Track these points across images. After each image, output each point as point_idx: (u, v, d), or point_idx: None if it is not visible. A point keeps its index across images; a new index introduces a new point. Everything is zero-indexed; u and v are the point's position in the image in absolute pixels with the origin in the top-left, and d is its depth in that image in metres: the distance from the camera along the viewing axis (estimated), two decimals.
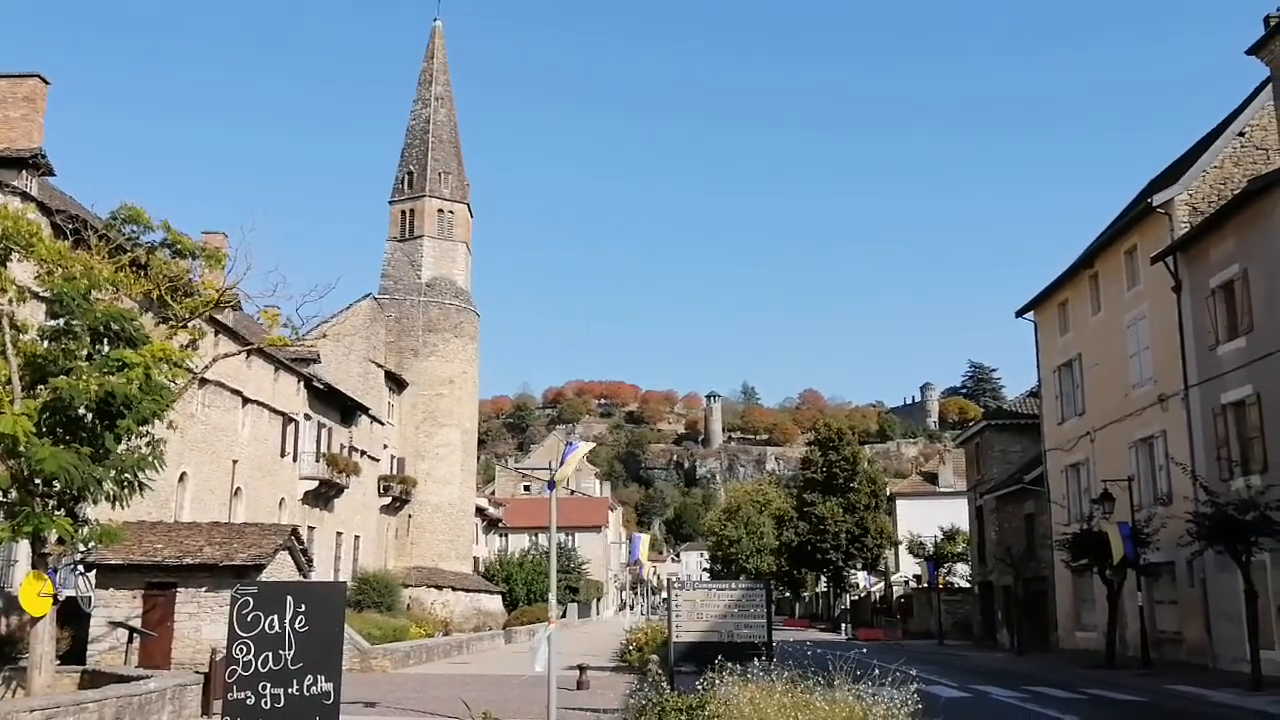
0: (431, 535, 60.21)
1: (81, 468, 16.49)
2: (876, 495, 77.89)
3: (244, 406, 37.34)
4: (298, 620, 11.07)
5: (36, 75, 28.09)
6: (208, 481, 34.37)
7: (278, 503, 40.47)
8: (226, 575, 23.80)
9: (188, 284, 21.00)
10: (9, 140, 26.46)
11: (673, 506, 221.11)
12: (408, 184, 64.62)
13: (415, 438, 60.66)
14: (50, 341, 18.35)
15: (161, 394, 18.04)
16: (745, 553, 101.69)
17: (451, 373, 62.08)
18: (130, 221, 20.39)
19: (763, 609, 23.82)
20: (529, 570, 69.70)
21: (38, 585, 16.60)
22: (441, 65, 66.90)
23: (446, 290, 62.95)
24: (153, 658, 23.72)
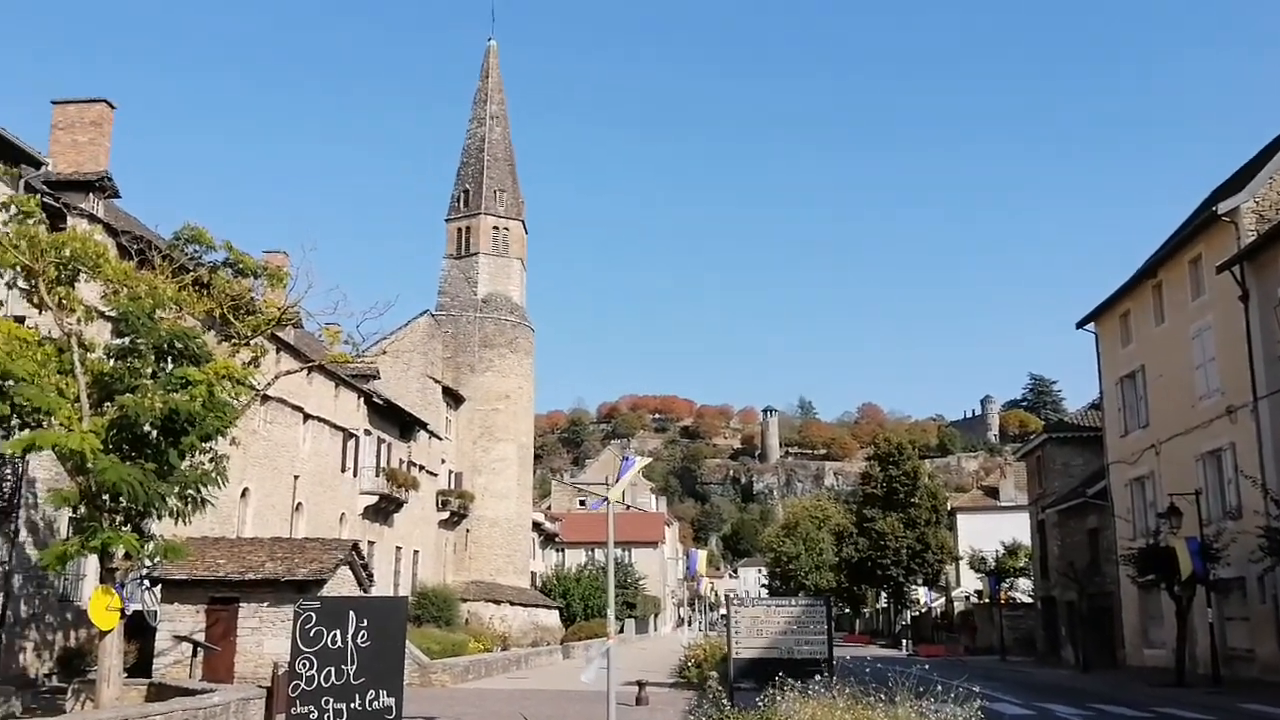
0: (489, 550, 60.45)
1: (146, 483, 16.79)
2: (937, 510, 77.00)
3: (305, 422, 37.80)
4: (360, 635, 11.14)
5: (103, 100, 28.78)
6: (269, 497, 34.81)
7: (338, 518, 40.88)
8: (288, 590, 24.04)
9: (250, 302, 21.32)
10: (77, 164, 27.11)
11: (730, 522, 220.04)
12: (463, 202, 65.19)
13: (472, 452, 61.01)
14: (116, 360, 18.73)
15: (224, 411, 18.32)
16: (804, 569, 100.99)
17: (507, 388, 62.39)
18: (193, 241, 20.77)
19: (823, 625, 23.63)
20: (586, 585, 69.71)
21: (106, 599, 16.90)
22: (496, 84, 67.49)
23: (502, 306, 63.35)
24: (216, 671, 24.02)
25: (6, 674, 21.54)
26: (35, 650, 23.25)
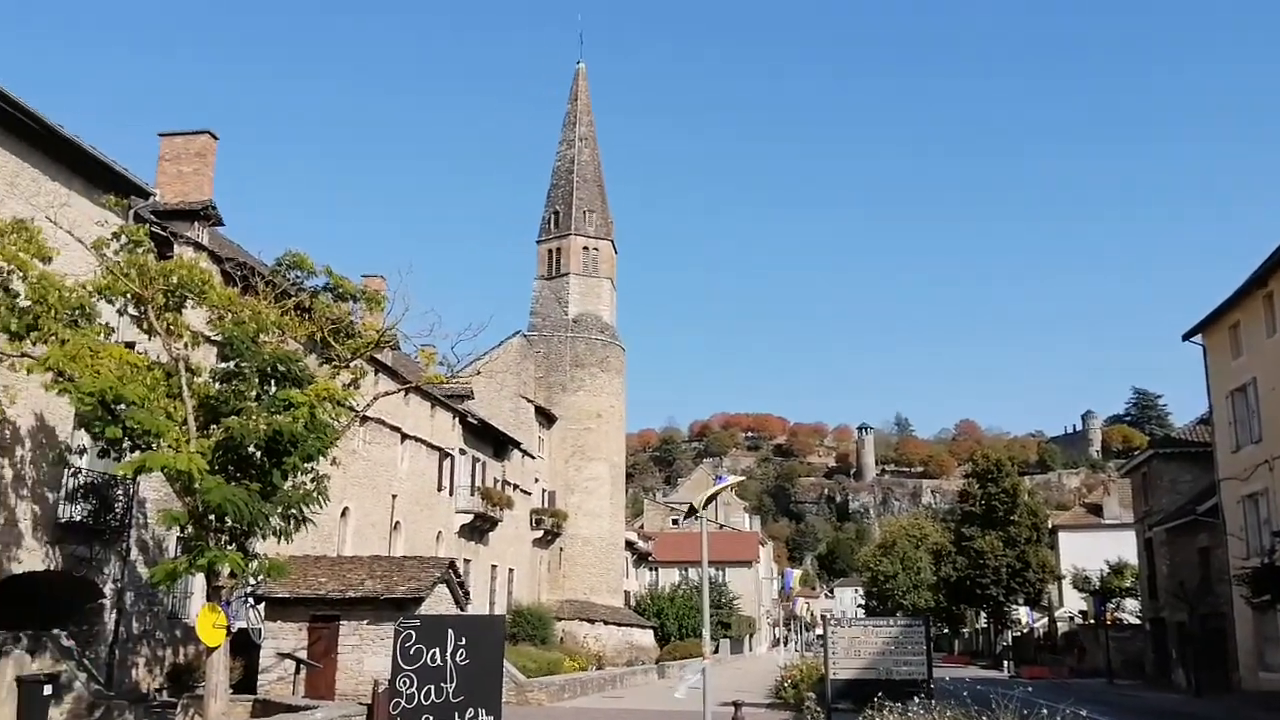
0: (583, 568, 60.66)
1: (251, 503, 17.20)
2: (1038, 528, 75.18)
3: (402, 442, 38.42)
4: (459, 653, 11.25)
5: (207, 132, 29.72)
6: (369, 515, 35.42)
7: (435, 536, 41.41)
8: (387, 608, 24.39)
9: (349, 326, 21.74)
10: (182, 194, 27.99)
11: (825, 541, 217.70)
12: (553, 223, 65.85)
13: (565, 471, 61.36)
14: (222, 383, 19.23)
15: (325, 432, 18.69)
16: (901, 588, 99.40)
17: (599, 407, 62.67)
18: (295, 267, 21.27)
19: (921, 645, 23.25)
20: (680, 605, 69.49)
21: (212, 617, 17.32)
22: (585, 106, 68.12)
23: (592, 325, 63.73)
24: (317, 688, 24.45)
25: (120, 689, 22.20)
26: (146, 665, 23.94)
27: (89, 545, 22.11)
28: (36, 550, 20.73)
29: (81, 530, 21.71)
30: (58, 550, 21.29)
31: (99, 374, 16.35)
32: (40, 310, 17.12)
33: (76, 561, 21.83)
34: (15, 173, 20.40)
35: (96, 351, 16.85)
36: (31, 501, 20.62)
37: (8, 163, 20.21)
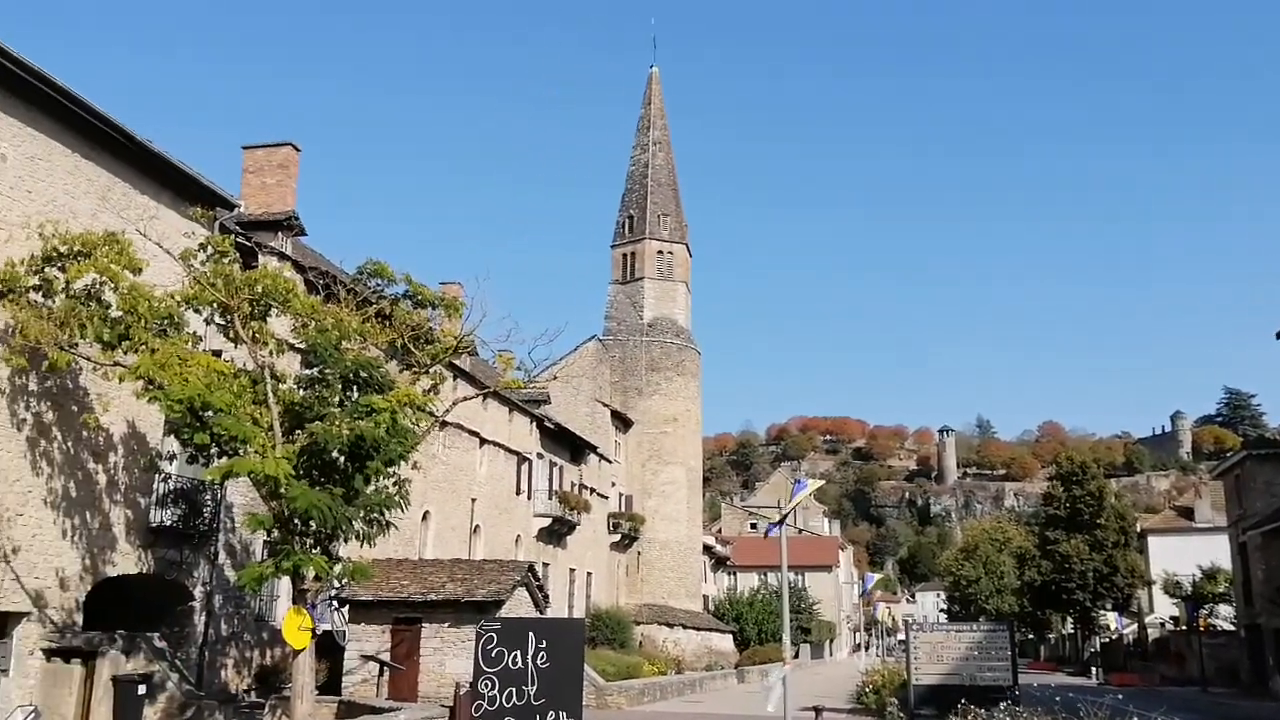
0: (660, 572, 60.65)
1: (334, 507, 17.46)
2: (1126, 532, 73.32)
3: (481, 447, 38.79)
4: (539, 656, 11.30)
5: (289, 144, 30.29)
6: (449, 519, 35.80)
7: (514, 539, 41.72)
8: (468, 611, 24.62)
9: (428, 332, 21.99)
10: (266, 205, 28.57)
11: (906, 545, 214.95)
12: (628, 228, 66.03)
13: (641, 475, 61.43)
14: (306, 389, 19.57)
15: (406, 437, 18.91)
16: (985, 593, 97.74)
17: (675, 410, 62.65)
18: (375, 275, 21.58)
19: (1006, 651, 22.85)
20: (759, 609, 69.15)
21: (298, 619, 17.60)
22: (658, 110, 68.22)
23: (667, 329, 63.74)
24: (400, 690, 24.76)
25: (210, 689, 22.71)
26: (235, 667, 24.46)
27: (179, 549, 22.67)
28: (130, 554, 21.30)
29: (172, 534, 22.27)
30: (149, 554, 21.86)
31: (188, 382, 16.73)
32: (131, 320, 17.60)
33: (167, 565, 22.39)
34: (107, 187, 21.01)
35: (185, 360, 17.25)
36: (124, 506, 21.21)
37: (99, 177, 20.82)
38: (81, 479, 20.14)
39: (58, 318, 17.56)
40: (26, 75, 18.53)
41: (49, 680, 19.16)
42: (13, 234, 18.37)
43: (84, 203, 20.30)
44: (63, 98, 19.33)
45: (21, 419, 18.69)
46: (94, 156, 20.64)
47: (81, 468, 20.16)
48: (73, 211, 19.74)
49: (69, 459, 19.82)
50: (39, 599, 19.00)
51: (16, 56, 18.16)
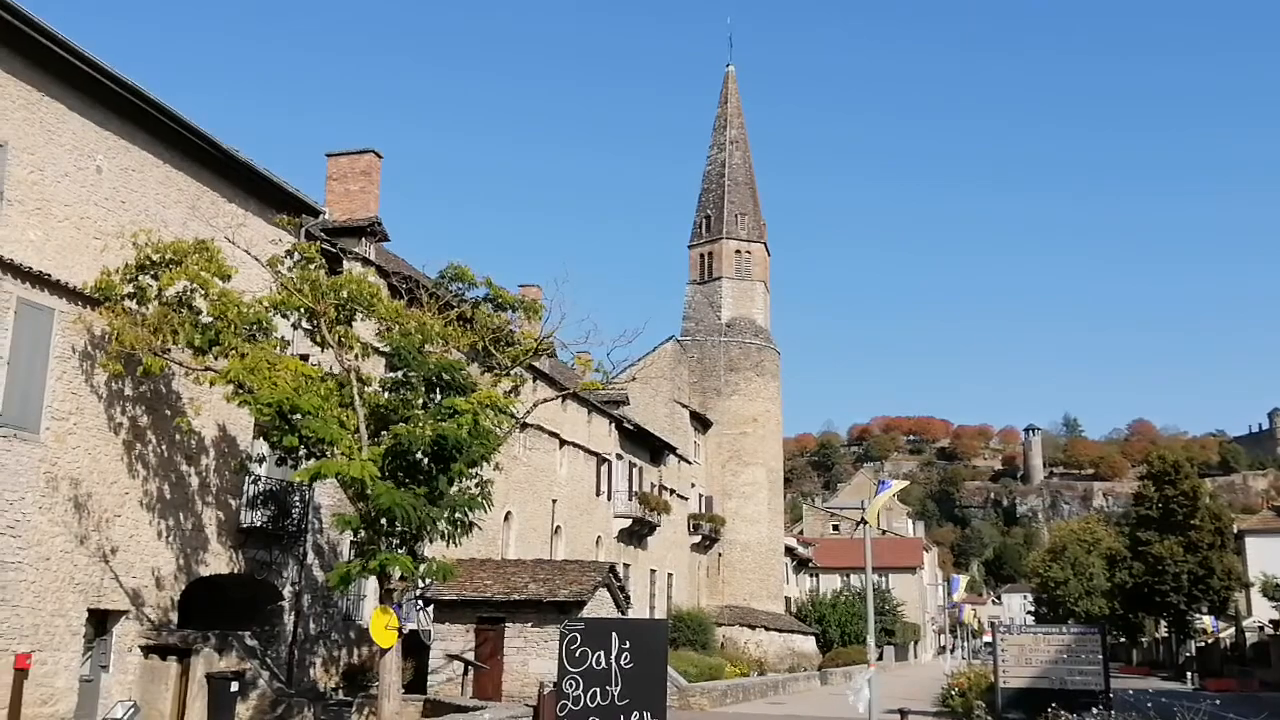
0: (742, 574, 60.48)
1: (419, 508, 17.72)
2: (1221, 533, 71.19)
3: (561, 448, 39.04)
4: (623, 657, 11.34)
5: (371, 151, 30.80)
6: (530, 520, 36.09)
7: (594, 540, 41.92)
8: (550, 611, 24.77)
9: (509, 335, 22.21)
10: (350, 211, 29.07)
11: (991, 546, 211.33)
12: (705, 227, 65.97)
13: (721, 476, 61.30)
14: (390, 392, 19.91)
15: (488, 438, 19.12)
16: (1073, 595, 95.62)
17: (754, 411, 62.42)
18: (456, 279, 21.86)
19: (1097, 654, 22.41)
20: (842, 611, 68.59)
21: (385, 619, 17.88)
22: (735, 109, 68.04)
23: (746, 329, 63.54)
24: (485, 689, 25.00)
25: (299, 687, 23.17)
26: (323, 665, 24.93)
27: (269, 549, 23.18)
28: (221, 554, 21.85)
29: (262, 535, 22.78)
30: (240, 554, 22.39)
31: (276, 385, 17.11)
32: (221, 326, 18.05)
33: (258, 565, 22.90)
34: (196, 196, 21.57)
35: (274, 364, 17.65)
36: (216, 508, 21.75)
37: (189, 187, 21.39)
38: (175, 481, 20.70)
39: (151, 324, 18.09)
40: (121, 90, 19.12)
41: (146, 676, 19.73)
42: (108, 243, 18.96)
43: (175, 212, 20.87)
44: (155, 110, 19.90)
45: (118, 423, 19.28)
46: (184, 167, 21.21)
47: (175, 470, 20.73)
48: (164, 221, 20.30)
49: (163, 461, 20.39)
50: (136, 598, 19.57)
51: (112, 72, 18.74)
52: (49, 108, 18.15)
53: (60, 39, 17.71)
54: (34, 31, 17.33)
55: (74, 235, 18.57)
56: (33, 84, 17.80)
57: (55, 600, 17.73)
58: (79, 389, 18.41)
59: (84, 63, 18.26)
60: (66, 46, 17.87)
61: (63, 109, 18.40)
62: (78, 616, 18.23)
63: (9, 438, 16.97)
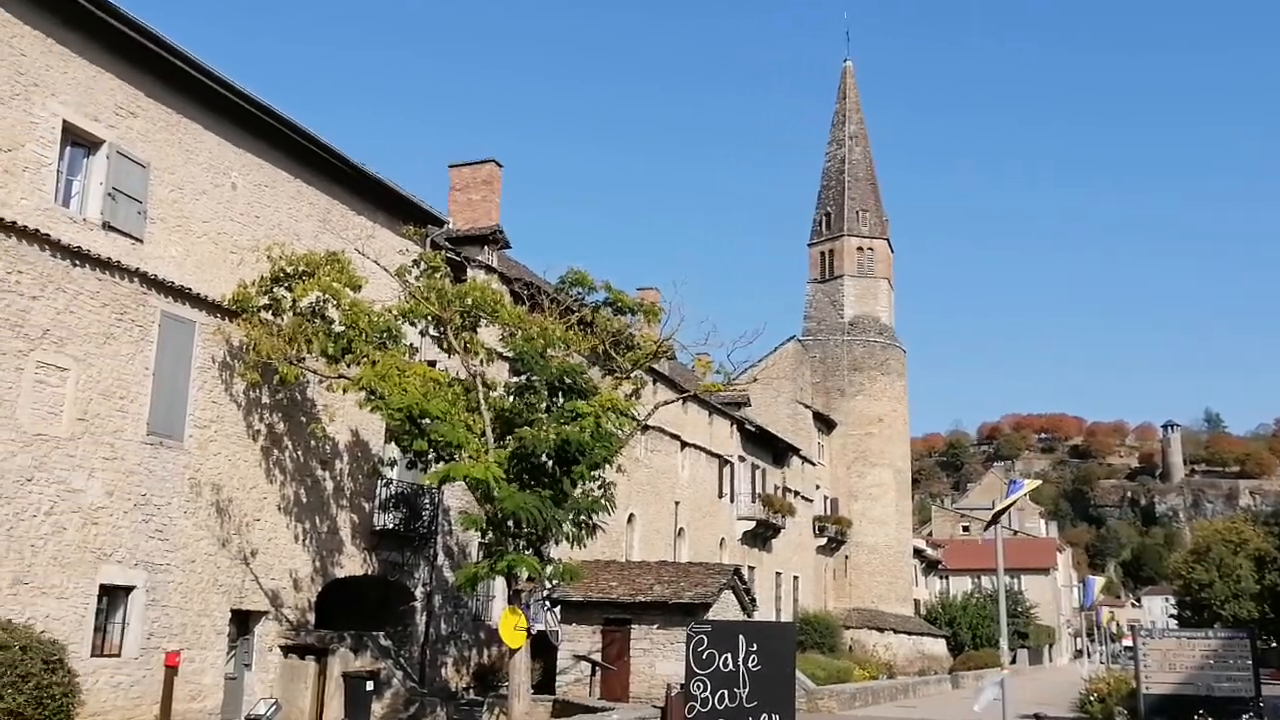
0: (869, 576, 59.71)
1: (544, 510, 17.98)
2: None
3: (682, 450, 39.08)
4: (750, 659, 11.33)
5: (492, 160, 31.36)
6: (653, 522, 36.22)
7: (718, 543, 41.85)
8: (676, 613, 24.83)
9: (628, 338, 22.36)
10: (472, 220, 29.65)
11: (1129, 547, 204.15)
12: (825, 225, 65.33)
13: (847, 478, 60.60)
14: (514, 396, 20.25)
15: (610, 441, 19.29)
16: (1219, 598, 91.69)
17: (880, 411, 61.55)
18: (576, 284, 22.11)
19: (1247, 660, 21.57)
20: (973, 614, 67.13)
21: (514, 619, 18.18)
22: (854, 104, 67.24)
23: (869, 328, 62.70)
24: (612, 690, 25.19)
25: (431, 686, 23.70)
26: (454, 665, 25.45)
27: (400, 551, 23.77)
28: (355, 556, 22.49)
29: (394, 537, 23.38)
30: (374, 556, 23.01)
31: (406, 391, 17.57)
32: (353, 334, 18.63)
33: (390, 566, 23.50)
34: (327, 209, 22.27)
35: (403, 370, 18.13)
36: (350, 511, 22.41)
37: (319, 200, 22.10)
38: (311, 485, 21.40)
39: (286, 334, 18.75)
40: (254, 109, 19.86)
41: (286, 675, 20.42)
42: (244, 257, 19.71)
43: (306, 225, 21.58)
44: (286, 127, 20.62)
45: (256, 430, 20.02)
46: (315, 181, 21.92)
47: (311, 474, 21.42)
48: (296, 234, 21.00)
49: (299, 466, 21.09)
50: (275, 599, 20.28)
51: (245, 91, 19.49)
52: (187, 128, 18.96)
53: (196, 61, 18.49)
54: (173, 57, 18.13)
55: (212, 250, 19.35)
56: (171, 106, 18.62)
57: (201, 601, 18.50)
58: (219, 398, 19.18)
59: (218, 84, 19.03)
60: (202, 69, 18.64)
61: (199, 129, 19.21)
62: (222, 617, 18.98)
63: (155, 445, 17.78)
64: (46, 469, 15.88)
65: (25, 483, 15.55)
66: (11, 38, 15.92)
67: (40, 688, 13.27)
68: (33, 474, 15.67)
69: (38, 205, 16.12)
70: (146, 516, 17.51)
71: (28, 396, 15.69)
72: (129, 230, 17.59)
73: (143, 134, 18.05)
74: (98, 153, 17.34)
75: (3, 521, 15.17)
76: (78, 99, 16.92)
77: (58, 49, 16.61)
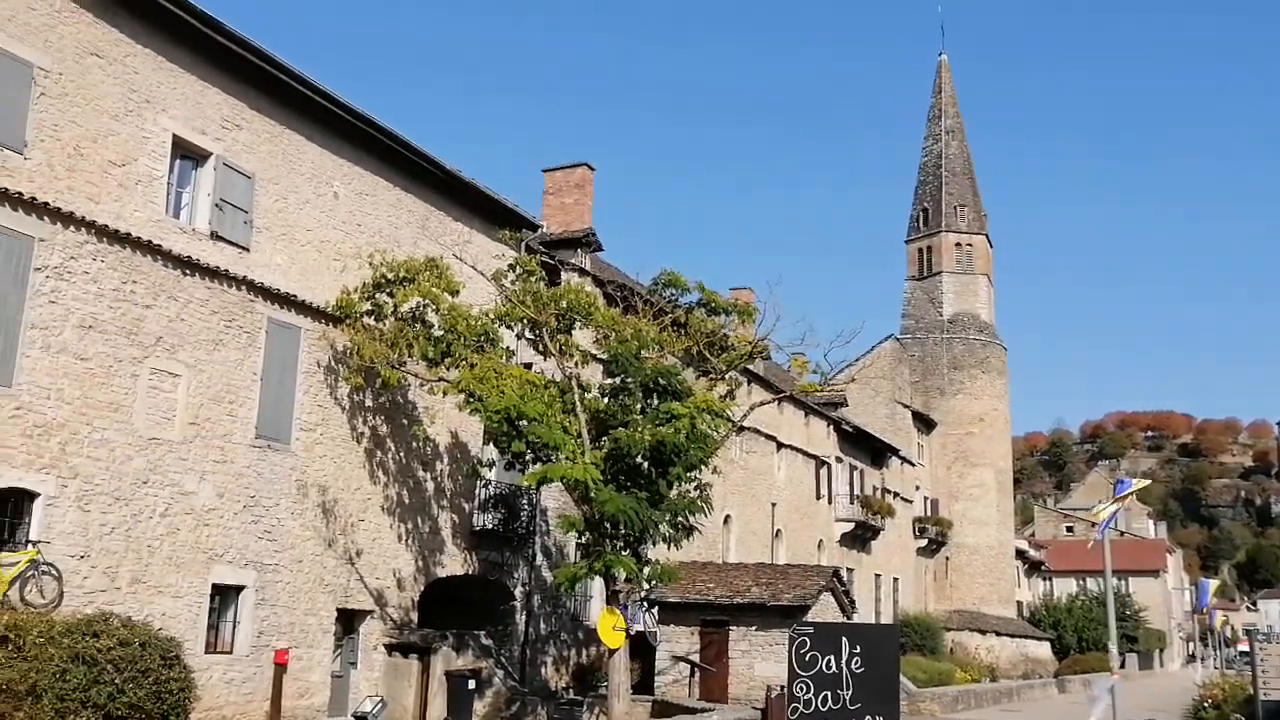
0: (970, 578, 58.70)
1: (641, 511, 18.06)
2: None
3: (778, 451, 38.87)
4: (853, 661, 11.25)
5: (584, 164, 31.55)
6: (749, 523, 36.09)
7: (816, 544, 41.52)
8: (774, 615, 24.72)
9: (722, 339, 22.33)
10: (565, 223, 29.87)
11: (1243, 548, 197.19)
12: (922, 221, 64.41)
13: (947, 478, 59.66)
14: (609, 398, 20.36)
15: (705, 442, 19.30)
16: None
17: (980, 410, 60.46)
18: (670, 285, 22.15)
19: None
20: (1078, 616, 65.55)
21: (612, 620, 18.28)
22: (950, 98, 66.18)
23: (969, 325, 61.63)
24: (711, 691, 25.17)
25: (531, 685, 23.95)
26: (554, 664, 25.67)
27: (500, 551, 24.07)
28: (456, 556, 22.84)
29: (493, 537, 23.69)
30: (474, 556, 23.35)
31: (504, 394, 17.81)
32: (451, 338, 18.95)
33: (490, 566, 23.82)
34: (425, 216, 22.68)
35: (501, 373, 18.38)
36: (450, 511, 22.77)
37: (417, 207, 22.51)
38: (413, 486, 21.80)
39: (388, 339, 19.16)
40: (353, 119, 20.32)
41: (390, 673, 20.82)
42: (347, 264, 20.18)
43: (405, 232, 22.00)
44: (386, 138, 21.07)
45: (360, 432, 20.47)
46: (413, 189, 22.34)
47: (412, 476, 21.82)
48: (396, 241, 21.42)
49: (401, 468, 21.50)
50: (380, 598, 20.70)
51: (345, 102, 19.95)
52: (289, 139, 19.48)
53: (298, 74, 18.99)
54: (276, 69, 18.65)
55: (316, 258, 19.84)
56: (274, 118, 19.15)
57: (308, 600, 18.97)
58: (324, 401, 19.65)
59: (320, 95, 19.52)
60: (304, 81, 19.14)
61: (301, 139, 19.71)
62: (328, 615, 19.44)
63: (263, 448, 18.28)
64: (161, 472, 16.45)
65: (141, 485, 16.14)
66: (125, 56, 16.53)
67: (159, 683, 13.69)
68: (148, 477, 16.25)
69: (150, 217, 16.71)
70: (255, 517, 18.03)
71: (143, 402, 16.27)
72: (236, 239, 18.14)
73: (248, 146, 18.59)
74: (205, 165, 17.91)
75: (121, 523, 15.76)
76: (186, 113, 17.50)
77: (167, 65, 17.20)
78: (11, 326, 14.62)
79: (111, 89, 16.29)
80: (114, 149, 16.26)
